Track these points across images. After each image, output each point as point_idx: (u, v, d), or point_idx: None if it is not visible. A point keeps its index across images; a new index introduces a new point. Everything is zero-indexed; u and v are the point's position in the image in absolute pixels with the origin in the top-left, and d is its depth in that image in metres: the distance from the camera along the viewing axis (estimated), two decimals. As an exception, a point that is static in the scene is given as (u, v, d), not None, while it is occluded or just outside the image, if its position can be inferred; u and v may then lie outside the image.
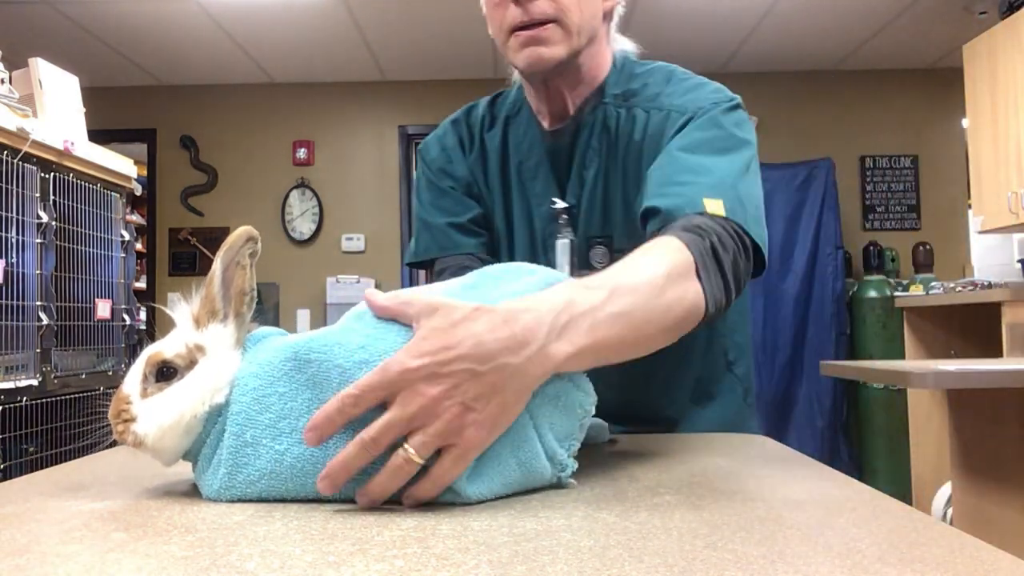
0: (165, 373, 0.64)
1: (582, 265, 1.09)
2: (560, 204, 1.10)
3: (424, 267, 1.22)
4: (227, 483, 0.62)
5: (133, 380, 0.65)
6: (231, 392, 0.64)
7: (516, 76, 1.16)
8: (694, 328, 0.80)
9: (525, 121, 1.16)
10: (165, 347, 0.65)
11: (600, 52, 1.10)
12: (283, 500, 0.62)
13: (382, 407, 0.60)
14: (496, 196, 1.18)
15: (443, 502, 0.61)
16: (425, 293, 0.66)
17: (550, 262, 1.11)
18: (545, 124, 1.13)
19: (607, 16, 1.09)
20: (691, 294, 0.78)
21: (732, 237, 0.87)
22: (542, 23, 0.99)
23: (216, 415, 0.64)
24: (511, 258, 1.16)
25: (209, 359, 0.64)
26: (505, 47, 1.04)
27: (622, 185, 1.08)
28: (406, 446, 0.59)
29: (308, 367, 0.63)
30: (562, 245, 1.10)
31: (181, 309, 0.67)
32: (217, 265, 0.65)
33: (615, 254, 1.07)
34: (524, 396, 0.63)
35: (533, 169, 1.14)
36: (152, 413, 0.63)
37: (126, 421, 0.63)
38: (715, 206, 0.88)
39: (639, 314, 0.71)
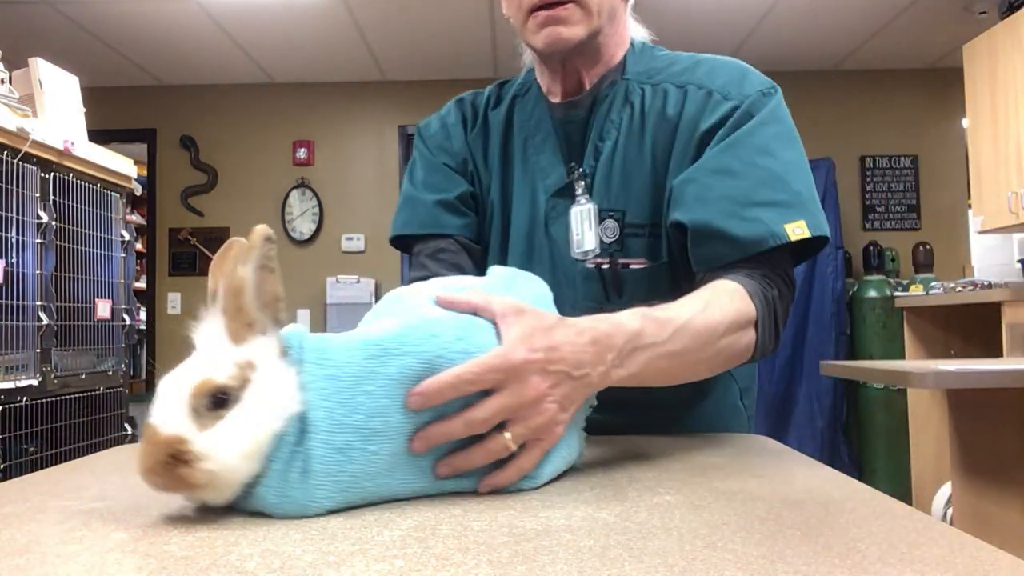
0: (220, 400, 0.57)
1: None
2: (579, 171, 1.06)
3: (403, 246, 1.17)
4: (316, 494, 0.58)
5: (175, 419, 0.56)
6: (306, 400, 0.59)
7: (527, 59, 1.14)
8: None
9: (533, 99, 1.13)
10: (213, 372, 0.57)
11: (619, 32, 1.08)
12: (368, 504, 0.61)
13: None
14: (495, 173, 1.14)
15: (513, 489, 0.66)
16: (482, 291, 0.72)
17: (551, 238, 1.08)
18: (555, 101, 1.10)
19: None
20: (743, 342, 0.86)
21: (787, 284, 0.94)
22: (561, 2, 0.97)
23: (285, 427, 0.59)
24: (505, 235, 1.13)
25: (262, 373, 0.59)
26: (523, 28, 1.02)
27: (651, 161, 1.03)
28: (506, 434, 0.64)
29: (399, 360, 0.61)
30: (580, 212, 1.05)
31: (203, 329, 0.60)
32: (246, 272, 0.59)
33: (625, 229, 1.04)
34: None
35: (539, 144, 1.11)
36: (224, 444, 0.56)
37: (188, 463, 0.55)
38: (798, 229, 0.90)
39: (691, 356, 0.79)
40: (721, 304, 0.83)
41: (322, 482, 0.58)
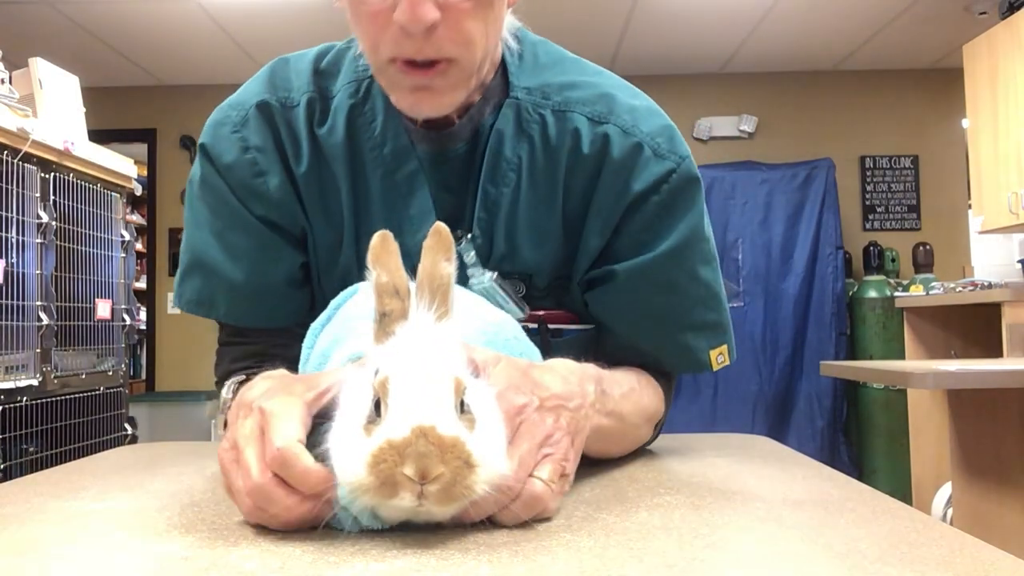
0: (463, 402, 0.51)
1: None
2: (467, 236, 0.84)
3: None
4: None
5: (449, 419, 0.48)
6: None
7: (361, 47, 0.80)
8: None
9: (381, 113, 0.84)
10: (455, 368, 0.51)
11: (498, 45, 0.84)
12: None
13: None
14: (347, 228, 0.85)
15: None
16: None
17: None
18: (409, 118, 0.83)
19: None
20: (646, 434, 0.85)
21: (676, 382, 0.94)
22: (436, 61, 0.74)
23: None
24: None
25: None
26: (382, 72, 0.77)
27: (561, 215, 0.85)
28: (536, 481, 0.55)
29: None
30: (482, 292, 0.84)
31: (411, 321, 0.53)
32: (450, 269, 0.55)
33: (532, 291, 0.86)
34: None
35: (404, 183, 0.84)
36: (493, 451, 0.50)
37: (471, 466, 0.48)
38: (720, 356, 0.89)
39: (626, 423, 0.76)
40: (647, 392, 0.83)
41: None
